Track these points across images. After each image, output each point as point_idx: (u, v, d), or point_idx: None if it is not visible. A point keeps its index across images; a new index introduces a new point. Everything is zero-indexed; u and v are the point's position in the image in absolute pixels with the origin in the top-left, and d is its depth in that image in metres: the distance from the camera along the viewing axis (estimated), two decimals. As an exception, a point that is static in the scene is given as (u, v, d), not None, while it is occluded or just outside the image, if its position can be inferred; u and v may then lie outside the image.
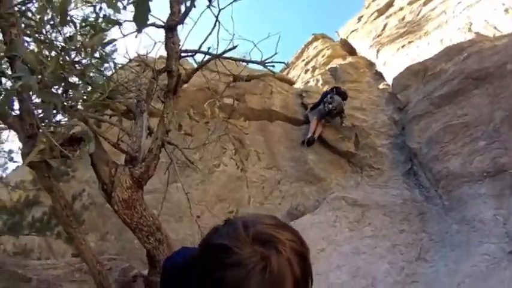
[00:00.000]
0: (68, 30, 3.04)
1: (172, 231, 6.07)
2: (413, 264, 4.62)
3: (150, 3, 1.46)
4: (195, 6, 3.39)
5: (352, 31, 10.57)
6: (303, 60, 11.48)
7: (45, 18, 2.49)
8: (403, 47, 7.98)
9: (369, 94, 8.26)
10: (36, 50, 2.67)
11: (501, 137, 4.87)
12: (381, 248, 4.99)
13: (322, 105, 7.06)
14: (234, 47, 3.75)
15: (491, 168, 4.75)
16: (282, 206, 6.50)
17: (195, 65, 4.67)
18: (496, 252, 4.05)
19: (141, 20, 1.29)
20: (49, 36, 2.57)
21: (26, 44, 2.53)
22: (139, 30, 1.29)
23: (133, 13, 1.32)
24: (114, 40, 2.85)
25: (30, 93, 1.95)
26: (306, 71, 10.59)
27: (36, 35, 2.61)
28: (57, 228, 4.38)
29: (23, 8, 2.46)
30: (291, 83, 9.38)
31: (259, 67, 7.36)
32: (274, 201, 6.63)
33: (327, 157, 7.15)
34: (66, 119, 2.71)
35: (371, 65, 9.11)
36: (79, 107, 2.46)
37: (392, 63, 8.03)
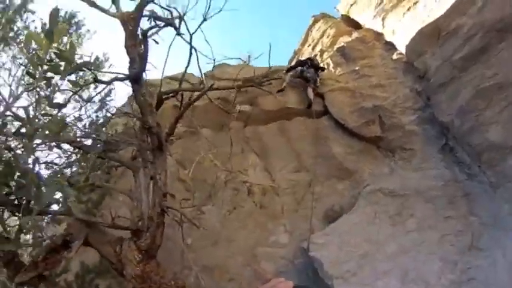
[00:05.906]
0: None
1: (208, 255, 5.96)
2: (467, 255, 4.21)
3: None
4: (157, 43, 3.16)
5: (352, 4, 9.88)
6: (309, 45, 10.92)
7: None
8: (408, 9, 7.30)
9: (383, 68, 7.65)
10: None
11: (543, 91, 4.28)
12: (428, 242, 4.60)
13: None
14: (211, 86, 3.54)
15: (538, 131, 4.20)
16: (316, 209, 6.11)
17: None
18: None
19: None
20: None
21: None
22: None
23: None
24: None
25: None
26: (315, 56, 10.04)
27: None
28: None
29: None
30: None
31: (265, 65, 6.98)
32: (307, 206, 6.26)
33: (354, 147, 6.68)
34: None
35: (379, 36, 8.45)
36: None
37: (401, 30, 7.41)
